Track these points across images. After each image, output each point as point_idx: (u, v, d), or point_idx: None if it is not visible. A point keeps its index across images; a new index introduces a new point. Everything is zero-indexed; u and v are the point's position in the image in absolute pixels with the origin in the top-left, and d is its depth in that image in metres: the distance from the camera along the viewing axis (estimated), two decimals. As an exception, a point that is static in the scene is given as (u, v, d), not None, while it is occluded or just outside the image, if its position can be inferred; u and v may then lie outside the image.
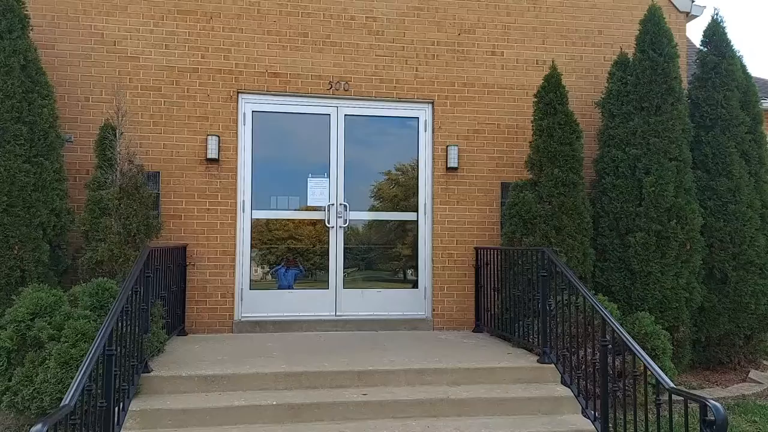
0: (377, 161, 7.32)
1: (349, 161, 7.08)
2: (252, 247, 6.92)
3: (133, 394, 4.39)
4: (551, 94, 6.40)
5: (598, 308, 4.50)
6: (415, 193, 7.22)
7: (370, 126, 7.29)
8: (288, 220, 7.15)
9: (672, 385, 3.81)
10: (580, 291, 4.85)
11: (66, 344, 4.33)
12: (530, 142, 6.61)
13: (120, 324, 4.04)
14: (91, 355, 3.46)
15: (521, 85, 7.33)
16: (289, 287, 7.05)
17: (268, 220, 7.07)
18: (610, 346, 4.50)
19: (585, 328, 4.98)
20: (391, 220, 7.37)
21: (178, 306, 6.30)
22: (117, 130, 6.03)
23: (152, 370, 4.77)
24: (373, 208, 7.28)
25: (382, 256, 7.40)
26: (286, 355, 5.48)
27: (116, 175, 5.95)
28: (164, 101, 6.72)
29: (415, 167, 7.25)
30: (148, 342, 4.83)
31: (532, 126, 6.59)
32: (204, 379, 4.74)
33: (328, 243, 7.01)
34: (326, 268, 7.02)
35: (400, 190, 7.37)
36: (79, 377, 3.25)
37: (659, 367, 4.05)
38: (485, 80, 7.28)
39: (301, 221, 7.16)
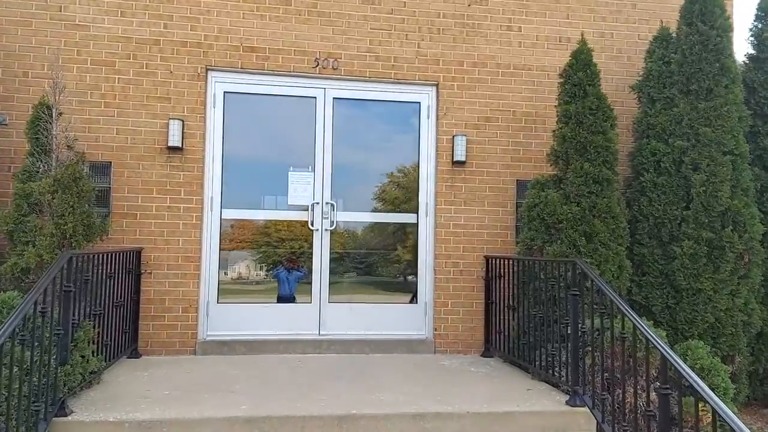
0: (371, 153, 6.23)
1: (338, 153, 6.00)
2: (222, 251, 5.83)
3: (35, 450, 3.31)
4: (580, 73, 5.30)
5: (656, 344, 3.38)
6: (416, 192, 6.13)
7: (362, 111, 6.20)
8: (265, 221, 6.06)
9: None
10: (627, 315, 3.74)
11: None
12: (553, 132, 5.52)
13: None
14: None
15: (541, 66, 6.24)
16: (291, 295, 5.96)
17: (240, 221, 5.99)
18: (668, 388, 3.39)
19: (628, 360, 3.88)
20: (388, 223, 6.28)
21: (128, 322, 5.21)
22: (53, 110, 4.96)
23: (72, 413, 3.69)
24: (366, 209, 6.19)
25: (375, 265, 6.31)
26: (252, 389, 4.39)
27: (51, 164, 4.89)
28: (119, 78, 5.64)
29: (416, 161, 6.16)
30: (65, 376, 3.73)
31: (557, 111, 5.50)
32: (137, 426, 3.65)
33: (311, 249, 5.93)
34: (308, 279, 5.93)
35: (400, 190, 6.28)
36: None
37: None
38: (499, 59, 6.19)
39: (280, 223, 6.07)
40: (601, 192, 5.14)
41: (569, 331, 4.39)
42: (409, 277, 6.19)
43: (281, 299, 5.97)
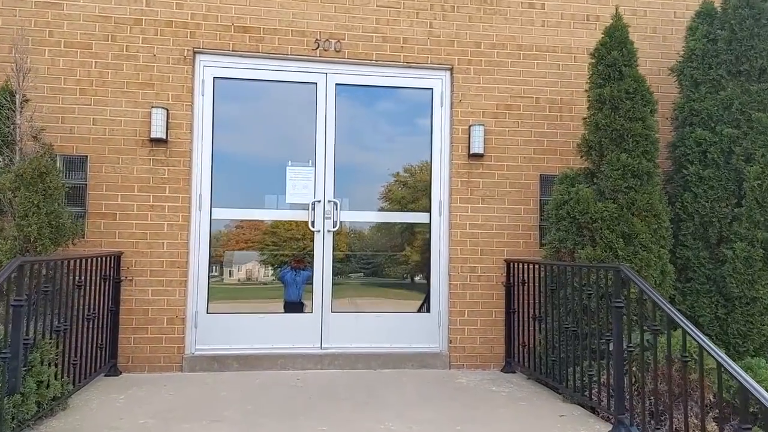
0: (378, 146, 5.62)
1: (341, 145, 5.39)
2: (212, 256, 5.22)
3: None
4: (615, 52, 4.66)
5: (735, 373, 2.73)
6: (427, 189, 5.51)
7: (368, 99, 5.58)
8: (261, 221, 5.45)
9: None
10: (691, 334, 3.10)
11: None
12: (584, 119, 4.88)
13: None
14: None
15: (567, 48, 5.61)
16: (299, 300, 5.35)
17: (235, 221, 5.38)
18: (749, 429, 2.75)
19: (680, 383, 3.25)
20: (397, 223, 5.65)
21: (104, 336, 4.62)
22: (17, 96, 4.37)
23: (23, 451, 3.09)
24: (372, 208, 5.57)
25: (383, 270, 5.69)
26: (243, 417, 3.78)
27: (15, 158, 4.30)
28: (96, 63, 5.05)
29: (428, 154, 5.53)
30: (14, 407, 3.12)
31: (587, 96, 4.86)
32: (100, 467, 3.05)
33: (312, 253, 5.31)
34: (309, 286, 5.32)
35: (407, 189, 5.65)
36: None
37: None
38: (520, 40, 5.56)
39: (278, 224, 5.46)
40: (641, 187, 4.50)
41: (610, 348, 3.77)
42: (421, 283, 5.56)
43: (288, 305, 5.36)
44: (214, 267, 5.27)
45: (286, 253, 5.41)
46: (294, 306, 5.35)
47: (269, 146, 5.46)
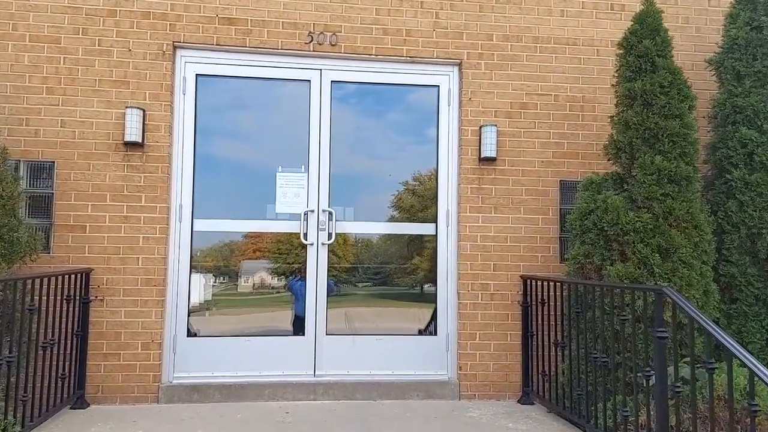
0: (379, 150, 5.07)
1: (337, 150, 4.85)
2: (193, 271, 4.68)
3: None
4: (647, 41, 4.10)
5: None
6: (433, 198, 4.95)
7: (368, 98, 5.05)
8: (247, 233, 4.91)
9: None
10: (756, 371, 2.50)
11: None
12: (611, 118, 4.32)
13: None
14: None
15: (589, 40, 5.05)
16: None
17: (216, 233, 4.85)
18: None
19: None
20: (399, 234, 5.09)
21: (68, 364, 4.10)
22: (-31, 93, 3.87)
23: None
24: (370, 218, 5.00)
25: (388, 282, 5.12)
26: (214, 464, 3.22)
27: (-35, 163, 3.80)
28: (65, 59, 4.55)
29: (434, 159, 4.97)
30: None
31: (615, 91, 4.30)
32: None
33: (304, 268, 4.76)
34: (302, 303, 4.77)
35: (416, 198, 5.09)
36: None
37: None
38: (537, 32, 5.01)
39: (264, 236, 4.91)
40: (679, 194, 3.91)
41: (651, 383, 3.17)
42: (426, 302, 4.98)
43: (299, 320, 4.78)
44: (222, 277, 4.76)
45: (277, 269, 4.87)
46: (304, 321, 4.76)
47: (258, 150, 4.94)
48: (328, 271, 4.75)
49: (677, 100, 4.00)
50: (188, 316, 4.62)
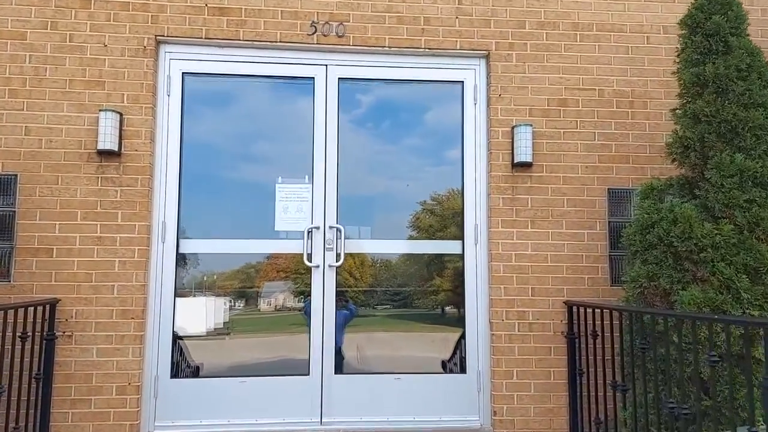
0: (393, 158, 4.38)
1: (346, 157, 4.18)
2: (178, 299, 4.00)
3: None
4: (717, 16, 3.38)
5: None
6: (460, 210, 4.23)
7: (380, 97, 4.37)
8: (244, 255, 4.22)
9: None
10: None
11: None
12: (674, 111, 3.59)
13: None
14: None
15: (638, 25, 4.35)
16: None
17: (205, 255, 4.16)
18: None
19: None
20: (420, 254, 4.36)
21: (24, 414, 3.41)
22: None
23: None
24: (386, 236, 4.29)
25: (408, 304, 4.39)
26: None
27: None
28: (30, 57, 3.95)
29: (459, 165, 4.27)
30: None
31: (679, 79, 3.57)
32: None
33: (309, 293, 4.05)
34: (305, 339, 4.05)
35: (434, 218, 4.38)
36: None
37: None
38: (576, 17, 4.32)
39: (259, 258, 4.22)
40: (767, 199, 3.16)
41: (755, 449, 2.40)
42: (453, 333, 4.24)
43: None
44: (237, 301, 4.09)
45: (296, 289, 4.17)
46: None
47: (254, 159, 4.27)
48: (341, 294, 4.05)
49: (759, 86, 3.27)
50: (173, 352, 3.92)
